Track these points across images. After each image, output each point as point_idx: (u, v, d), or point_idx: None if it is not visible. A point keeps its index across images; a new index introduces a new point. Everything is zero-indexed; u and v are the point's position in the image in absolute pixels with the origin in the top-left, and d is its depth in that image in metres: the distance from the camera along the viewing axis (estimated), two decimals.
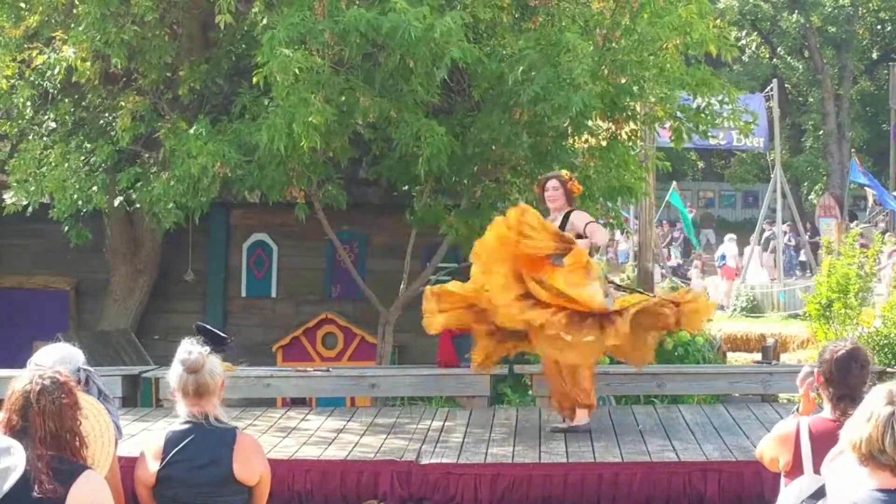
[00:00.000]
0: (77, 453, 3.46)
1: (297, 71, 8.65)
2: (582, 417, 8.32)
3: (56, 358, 4.61)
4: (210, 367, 4.37)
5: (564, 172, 8.78)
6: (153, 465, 4.33)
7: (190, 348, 4.38)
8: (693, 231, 31.56)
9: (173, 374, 4.40)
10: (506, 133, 9.66)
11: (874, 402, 3.00)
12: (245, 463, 4.36)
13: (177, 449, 4.31)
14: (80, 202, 10.43)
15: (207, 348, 4.40)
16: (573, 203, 8.63)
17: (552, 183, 8.49)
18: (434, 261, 11.22)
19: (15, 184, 10.62)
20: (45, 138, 11.06)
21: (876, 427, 2.94)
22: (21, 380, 3.50)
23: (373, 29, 8.75)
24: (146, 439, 4.47)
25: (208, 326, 4.53)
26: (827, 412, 4.39)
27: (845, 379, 4.31)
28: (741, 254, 29.58)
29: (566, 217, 8.41)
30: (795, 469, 4.32)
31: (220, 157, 9.58)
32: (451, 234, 10.56)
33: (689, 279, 27.76)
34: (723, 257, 28.69)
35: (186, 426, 4.36)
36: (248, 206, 12.36)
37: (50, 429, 3.39)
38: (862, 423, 2.99)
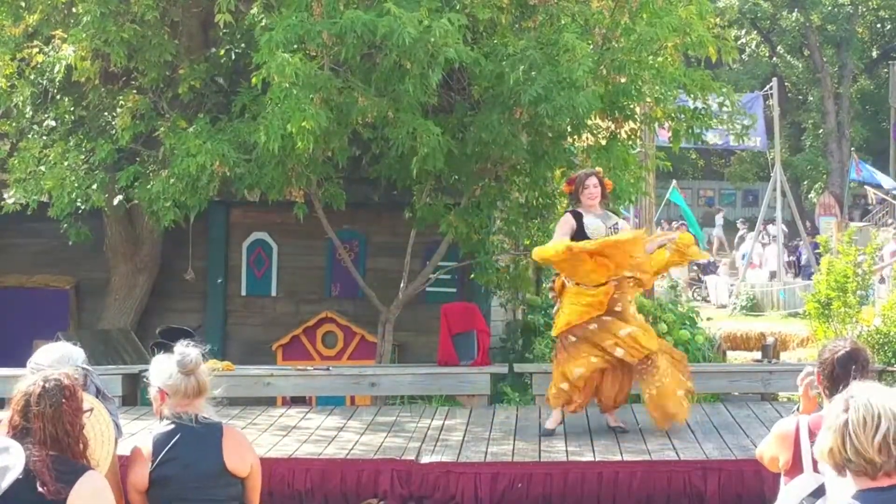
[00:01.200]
0: (79, 455, 3.46)
1: (294, 74, 8.64)
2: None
3: (55, 357, 4.61)
4: (203, 367, 4.41)
5: (599, 169, 8.83)
6: (145, 468, 4.34)
7: (185, 351, 4.39)
8: (698, 227, 31.51)
9: (163, 377, 4.40)
10: (504, 133, 9.67)
11: (833, 411, 3.03)
12: (235, 454, 4.40)
13: (166, 449, 4.33)
14: (78, 201, 10.44)
15: (199, 349, 4.42)
16: (609, 200, 8.70)
17: (593, 180, 8.42)
18: (434, 259, 11.22)
19: (14, 182, 10.63)
20: (44, 137, 11.05)
21: (836, 438, 2.98)
22: (25, 381, 3.52)
23: (369, 31, 8.76)
24: (135, 443, 4.47)
25: (171, 326, 4.54)
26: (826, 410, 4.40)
27: (846, 379, 4.31)
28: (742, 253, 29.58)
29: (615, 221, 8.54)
30: (795, 468, 4.33)
31: (218, 156, 9.59)
32: (451, 233, 10.56)
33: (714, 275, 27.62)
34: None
35: (172, 426, 4.38)
36: (248, 205, 12.35)
37: (49, 431, 3.40)
38: (825, 433, 3.03)
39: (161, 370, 4.41)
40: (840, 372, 4.32)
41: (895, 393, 3.06)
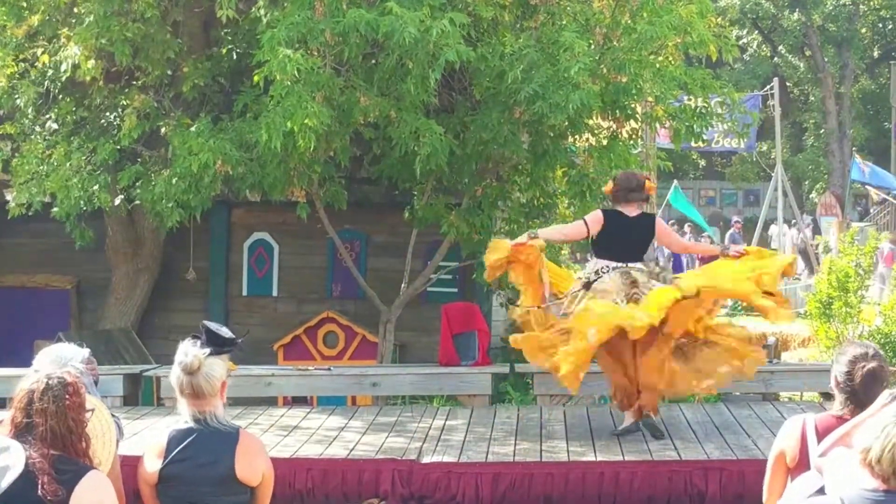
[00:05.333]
0: (82, 453, 3.46)
1: (296, 71, 8.64)
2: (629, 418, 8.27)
3: (49, 359, 4.61)
4: (207, 371, 4.34)
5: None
6: (156, 464, 4.34)
7: (187, 350, 4.37)
8: (704, 223, 31.40)
9: (172, 375, 4.41)
10: (504, 132, 9.67)
11: (891, 417, 3.03)
12: (247, 463, 4.35)
13: (179, 448, 4.31)
14: (82, 202, 10.40)
15: (206, 350, 4.38)
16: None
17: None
18: (435, 260, 11.22)
19: (19, 185, 10.59)
20: (47, 138, 11.04)
21: (884, 446, 2.97)
22: (28, 379, 3.52)
23: (372, 30, 8.76)
24: (150, 437, 4.47)
25: (213, 327, 4.49)
26: (835, 409, 4.41)
27: (864, 398, 4.29)
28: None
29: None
30: (801, 465, 4.34)
31: (221, 155, 9.58)
32: (452, 233, 10.56)
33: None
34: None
35: (189, 425, 4.36)
36: (249, 205, 12.36)
37: (52, 427, 3.40)
38: (874, 433, 3.02)
39: (173, 368, 4.41)
40: (861, 387, 4.32)
41: None
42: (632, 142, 11.28)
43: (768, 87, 27.79)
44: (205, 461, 4.30)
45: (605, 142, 10.75)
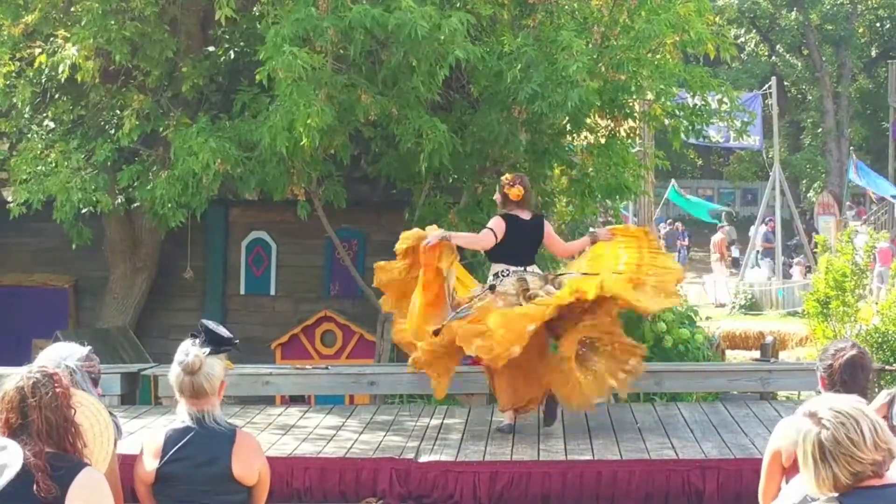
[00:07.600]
0: (75, 445, 3.45)
1: (301, 69, 8.60)
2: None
3: (45, 360, 4.61)
4: (207, 370, 4.35)
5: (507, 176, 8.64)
6: (152, 463, 4.34)
7: (188, 349, 4.37)
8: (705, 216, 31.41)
9: (172, 374, 4.41)
10: (504, 131, 9.67)
11: (805, 437, 3.03)
12: (244, 462, 4.35)
13: (176, 447, 4.32)
14: (80, 204, 10.35)
15: (206, 350, 4.38)
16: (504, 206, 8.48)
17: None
18: None
19: (18, 185, 10.55)
20: (44, 137, 11.00)
21: (834, 461, 2.98)
22: (12, 379, 3.50)
23: (378, 26, 8.73)
24: (146, 437, 4.47)
25: (212, 326, 4.49)
26: None
27: (850, 385, 4.33)
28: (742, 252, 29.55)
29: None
30: (797, 466, 4.33)
31: (221, 154, 9.56)
32: None
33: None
34: None
35: (186, 425, 4.36)
36: (247, 204, 12.35)
37: (48, 420, 3.39)
38: (812, 465, 3.03)
39: (172, 367, 4.41)
40: (844, 379, 4.36)
41: (841, 397, 3.10)
42: (630, 140, 11.29)
43: (766, 86, 27.83)
44: (201, 460, 4.31)
45: (603, 140, 10.75)
